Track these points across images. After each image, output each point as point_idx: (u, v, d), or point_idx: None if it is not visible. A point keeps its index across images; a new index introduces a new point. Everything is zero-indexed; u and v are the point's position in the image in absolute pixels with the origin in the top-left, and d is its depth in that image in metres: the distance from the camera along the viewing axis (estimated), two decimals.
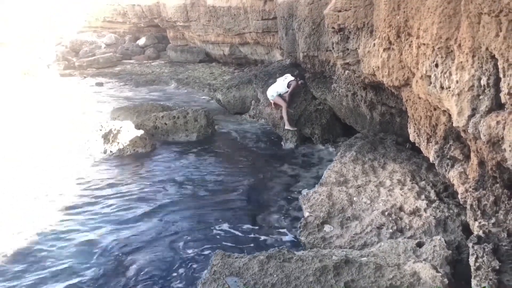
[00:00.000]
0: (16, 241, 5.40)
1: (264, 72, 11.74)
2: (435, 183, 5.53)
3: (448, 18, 3.67)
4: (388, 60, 5.24)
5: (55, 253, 5.20)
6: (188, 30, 21.04)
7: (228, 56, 18.67)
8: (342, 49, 6.70)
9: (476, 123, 3.29)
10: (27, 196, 6.67)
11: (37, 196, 6.70)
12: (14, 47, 15.13)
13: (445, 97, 3.82)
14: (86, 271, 4.82)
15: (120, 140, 8.61)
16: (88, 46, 25.37)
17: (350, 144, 7.34)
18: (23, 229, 5.69)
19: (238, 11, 15.95)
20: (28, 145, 9.04)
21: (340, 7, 6.37)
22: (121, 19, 27.74)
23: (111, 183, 7.26)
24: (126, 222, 5.93)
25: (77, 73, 20.44)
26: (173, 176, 7.53)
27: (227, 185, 7.12)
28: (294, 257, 3.73)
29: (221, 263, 3.73)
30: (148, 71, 19.82)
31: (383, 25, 5.24)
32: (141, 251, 5.18)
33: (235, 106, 11.89)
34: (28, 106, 12.76)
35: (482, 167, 3.67)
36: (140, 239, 5.46)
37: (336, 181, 5.99)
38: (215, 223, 5.86)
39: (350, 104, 8.08)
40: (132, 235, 5.58)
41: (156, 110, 11.01)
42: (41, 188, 6.94)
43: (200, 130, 9.60)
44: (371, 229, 4.73)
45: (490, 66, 3.14)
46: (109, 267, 4.89)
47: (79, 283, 4.62)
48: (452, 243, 4.19)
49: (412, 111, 5.26)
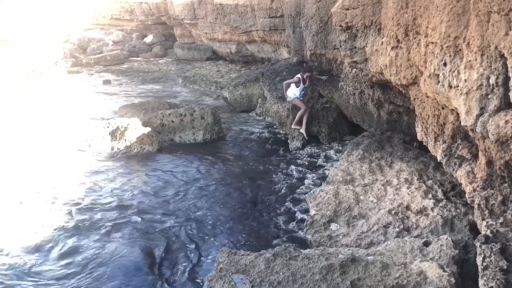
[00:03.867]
0: (21, 239, 5.43)
1: (271, 70, 11.73)
2: (443, 182, 5.50)
3: (457, 17, 3.65)
4: (396, 59, 5.22)
5: (61, 251, 5.24)
6: (195, 28, 21.07)
7: (235, 54, 18.68)
8: (350, 47, 6.68)
9: (484, 122, 3.28)
10: (33, 193, 6.71)
11: (43, 192, 6.74)
12: (22, 45, 15.23)
13: (453, 96, 3.80)
14: (89, 268, 4.85)
15: (127, 138, 8.64)
16: (96, 44, 25.49)
17: (357, 142, 7.32)
18: (28, 227, 5.73)
19: (245, 9, 15.96)
20: (35, 142, 9.11)
21: (348, 5, 6.35)
22: (129, 17, 27.83)
23: (116, 181, 7.29)
24: (132, 219, 5.96)
25: (84, 71, 20.55)
26: (180, 175, 7.55)
27: (233, 184, 7.13)
28: (300, 255, 3.73)
29: (227, 260, 3.73)
30: (155, 69, 19.88)
31: (391, 23, 5.22)
32: (148, 249, 5.20)
33: (241, 104, 11.90)
34: (35, 103, 12.86)
35: (490, 167, 3.66)
36: (146, 236, 5.49)
37: (342, 179, 5.98)
38: (221, 221, 5.88)
39: (357, 102, 8.06)
40: (137, 232, 5.61)
41: (163, 107, 11.03)
42: (47, 185, 6.99)
43: (207, 128, 9.61)
44: (378, 228, 4.72)
45: (499, 65, 3.12)
46: (114, 264, 4.91)
47: (85, 278, 4.66)
48: (459, 243, 4.17)
49: (419, 110, 5.24)
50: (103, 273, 4.74)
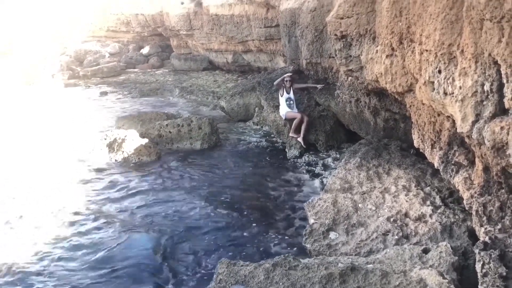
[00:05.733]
0: (19, 251, 5.41)
1: (268, 79, 11.77)
2: (440, 188, 5.51)
3: (450, 24, 3.68)
4: (391, 67, 5.26)
5: (58, 262, 5.21)
6: (191, 39, 21.16)
7: (232, 63, 18.74)
8: (345, 56, 6.72)
9: (480, 128, 3.29)
10: (31, 206, 6.69)
11: (41, 205, 6.72)
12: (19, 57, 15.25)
13: (448, 103, 3.82)
14: (89, 279, 4.83)
15: (125, 149, 8.64)
16: (92, 56, 25.55)
17: (354, 150, 7.33)
18: (26, 238, 5.71)
19: (241, 19, 16.04)
20: (33, 154, 9.09)
21: (342, 14, 6.40)
22: (125, 29, 27.90)
23: (115, 192, 7.28)
24: (130, 230, 5.94)
25: (81, 83, 20.57)
26: (177, 185, 7.54)
27: (232, 193, 7.12)
28: (300, 264, 3.72)
29: (227, 271, 3.72)
30: (152, 80, 19.92)
31: (385, 31, 5.26)
32: (145, 259, 5.18)
33: (238, 114, 11.91)
34: (33, 116, 12.85)
35: (487, 173, 3.67)
36: (144, 247, 5.47)
37: (341, 187, 5.98)
38: (220, 231, 5.86)
39: (353, 110, 8.09)
40: (135, 243, 5.58)
41: (160, 118, 11.06)
42: (45, 197, 6.97)
43: (204, 138, 9.62)
44: (377, 236, 4.72)
45: (493, 72, 3.14)
46: (112, 275, 4.89)
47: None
48: (458, 249, 4.16)
49: (416, 117, 5.26)
50: (100, 284, 4.72)
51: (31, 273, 4.98)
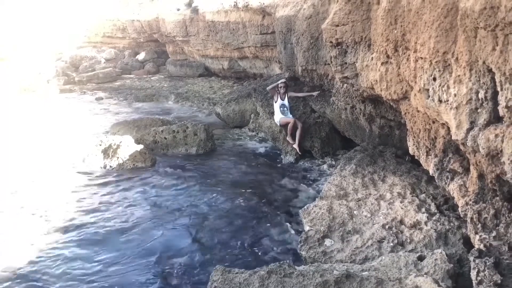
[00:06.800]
0: (11, 259, 5.35)
1: (263, 85, 11.78)
2: (435, 195, 5.52)
3: (445, 32, 3.71)
4: (386, 74, 5.28)
5: (51, 270, 5.16)
6: (187, 45, 21.18)
7: (227, 70, 18.76)
8: (340, 63, 6.75)
9: (474, 136, 3.30)
10: (25, 212, 6.63)
11: (35, 212, 6.66)
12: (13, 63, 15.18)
13: (443, 110, 3.83)
14: (85, 282, 4.78)
15: (120, 155, 8.61)
16: (88, 61, 25.49)
17: (349, 157, 7.34)
18: (19, 246, 5.65)
19: (236, 25, 16.08)
20: (27, 160, 9.03)
21: (337, 21, 6.43)
22: (121, 34, 27.91)
23: (110, 198, 7.24)
24: (125, 238, 5.90)
25: (77, 88, 20.50)
26: (173, 191, 7.51)
27: (227, 200, 7.10)
28: (295, 272, 3.70)
29: (221, 278, 3.70)
30: (147, 86, 19.89)
31: (380, 39, 5.28)
32: (140, 267, 5.15)
33: (234, 120, 11.91)
34: (27, 122, 12.78)
35: (482, 180, 3.67)
36: (139, 254, 5.43)
37: (336, 194, 5.98)
38: (215, 238, 5.84)
39: (349, 117, 8.11)
40: (130, 250, 5.55)
41: (155, 124, 11.02)
42: (39, 204, 6.91)
43: (200, 144, 9.60)
44: (372, 243, 4.71)
45: (487, 80, 3.16)
46: (106, 282, 4.85)
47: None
48: (453, 256, 4.17)
49: (411, 124, 5.28)
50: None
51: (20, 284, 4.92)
